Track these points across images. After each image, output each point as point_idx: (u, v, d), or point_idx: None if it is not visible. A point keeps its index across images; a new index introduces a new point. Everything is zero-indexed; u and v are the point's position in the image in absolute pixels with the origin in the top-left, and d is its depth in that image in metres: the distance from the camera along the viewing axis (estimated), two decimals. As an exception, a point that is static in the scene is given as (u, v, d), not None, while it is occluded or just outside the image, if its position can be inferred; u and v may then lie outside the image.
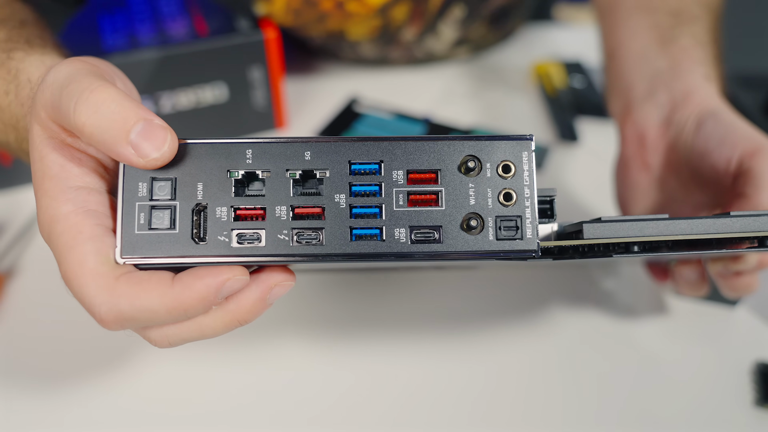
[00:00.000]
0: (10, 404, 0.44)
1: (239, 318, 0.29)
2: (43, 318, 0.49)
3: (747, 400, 0.45)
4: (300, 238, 0.27)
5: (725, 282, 0.42)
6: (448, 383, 0.46)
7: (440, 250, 0.27)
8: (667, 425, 0.44)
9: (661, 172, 0.47)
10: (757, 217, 0.29)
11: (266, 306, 0.29)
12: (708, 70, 0.48)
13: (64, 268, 0.27)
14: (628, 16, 0.53)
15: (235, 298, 0.28)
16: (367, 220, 0.27)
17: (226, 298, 0.28)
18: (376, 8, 0.65)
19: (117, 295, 0.26)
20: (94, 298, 0.27)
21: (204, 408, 0.44)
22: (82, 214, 0.28)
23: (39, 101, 0.29)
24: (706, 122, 0.43)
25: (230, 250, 0.27)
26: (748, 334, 0.49)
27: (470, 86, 0.74)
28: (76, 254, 0.27)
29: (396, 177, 0.28)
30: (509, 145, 0.28)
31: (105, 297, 0.26)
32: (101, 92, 0.27)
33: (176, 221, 0.27)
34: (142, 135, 0.26)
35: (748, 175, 0.40)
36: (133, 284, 0.27)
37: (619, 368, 0.47)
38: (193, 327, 0.29)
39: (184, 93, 0.61)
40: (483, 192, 0.28)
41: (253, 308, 0.29)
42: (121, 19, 0.64)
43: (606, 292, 0.52)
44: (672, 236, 0.29)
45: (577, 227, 0.29)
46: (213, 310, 0.28)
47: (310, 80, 0.75)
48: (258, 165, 0.28)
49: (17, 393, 0.44)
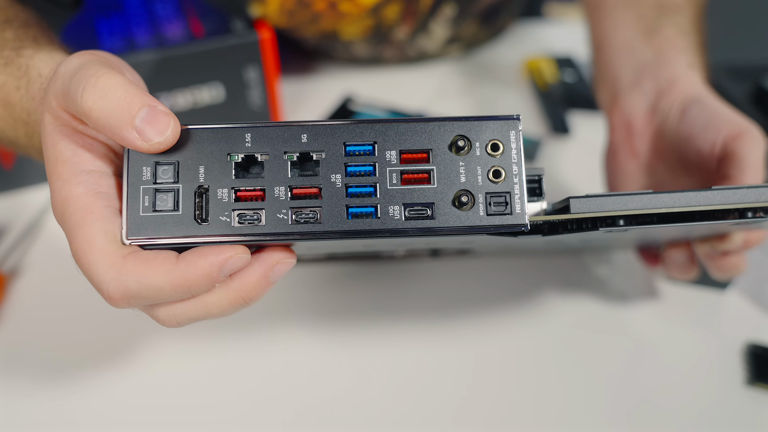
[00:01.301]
0: (13, 404, 0.45)
1: (244, 296, 0.29)
2: (46, 318, 0.50)
3: (739, 380, 0.46)
4: (298, 217, 0.28)
5: (713, 263, 0.43)
6: (444, 370, 0.47)
7: (433, 226, 0.28)
8: (661, 406, 0.45)
9: (648, 158, 0.48)
10: (736, 190, 0.30)
11: (269, 284, 0.30)
12: (691, 59, 0.49)
13: (74, 247, 0.28)
14: (613, 8, 0.54)
15: (239, 276, 0.29)
16: (362, 198, 0.28)
17: (230, 276, 0.29)
18: (369, 8, 0.66)
19: (124, 272, 0.27)
20: (103, 275, 0.28)
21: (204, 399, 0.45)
22: (93, 196, 0.29)
23: (51, 91, 0.30)
24: (690, 108, 0.44)
25: (232, 230, 0.28)
26: (739, 316, 0.50)
27: (463, 83, 0.75)
28: (86, 233, 0.28)
29: (389, 157, 0.29)
30: (497, 124, 0.29)
31: (113, 274, 0.27)
32: (108, 78, 0.28)
33: (179, 203, 0.28)
34: (147, 120, 0.27)
35: (731, 157, 0.41)
36: (140, 262, 0.28)
37: (613, 352, 0.48)
38: (200, 305, 0.29)
39: (181, 94, 0.62)
40: (473, 170, 0.29)
41: (257, 285, 0.29)
42: (118, 22, 0.65)
43: (599, 278, 0.53)
44: (656, 209, 0.30)
45: (565, 203, 0.30)
46: (218, 288, 0.29)
47: (305, 80, 0.76)
48: (257, 148, 0.29)
49: (21, 393, 0.45)
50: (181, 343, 0.48)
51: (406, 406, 0.45)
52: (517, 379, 0.46)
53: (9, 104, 0.38)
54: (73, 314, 0.50)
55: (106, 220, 0.28)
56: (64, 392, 0.45)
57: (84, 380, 0.46)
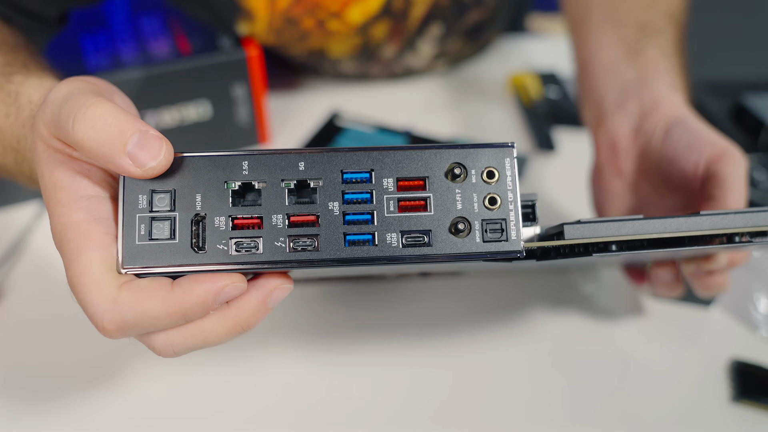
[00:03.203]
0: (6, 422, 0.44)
1: (242, 323, 0.29)
2: (32, 339, 0.49)
3: (724, 397, 0.46)
4: (296, 244, 0.28)
5: (698, 282, 0.44)
6: (435, 387, 0.47)
7: (430, 253, 0.28)
8: (648, 422, 0.45)
9: (633, 177, 0.49)
10: (725, 215, 0.31)
11: (267, 310, 0.30)
12: (674, 80, 0.50)
13: (70, 275, 0.28)
14: (597, 29, 0.55)
15: (237, 303, 0.29)
16: (359, 226, 0.29)
17: (227, 303, 0.29)
18: (357, 27, 0.67)
19: (119, 303, 0.27)
20: (97, 306, 0.27)
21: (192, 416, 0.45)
22: (93, 222, 0.29)
23: (40, 120, 0.30)
24: (673, 129, 0.45)
25: (229, 258, 0.28)
26: (723, 332, 0.51)
27: (449, 98, 0.76)
28: (83, 261, 0.28)
29: (386, 185, 0.29)
30: (492, 152, 0.30)
31: (108, 306, 0.27)
32: (97, 107, 0.28)
33: (176, 231, 0.28)
34: (139, 146, 0.27)
35: (714, 178, 0.42)
36: (135, 291, 0.28)
37: (599, 368, 0.48)
38: (197, 334, 0.29)
39: (168, 111, 0.62)
40: (469, 197, 0.29)
41: (255, 312, 0.29)
42: (103, 39, 0.65)
43: (585, 295, 0.53)
44: (647, 235, 0.31)
45: (558, 229, 0.31)
46: (216, 316, 0.29)
47: (292, 96, 0.76)
48: (254, 176, 0.29)
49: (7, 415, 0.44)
50: (170, 361, 0.48)
51: (393, 424, 0.45)
52: (505, 395, 0.46)
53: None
54: (59, 334, 0.49)
55: (104, 248, 0.28)
56: (51, 413, 0.44)
57: (71, 401, 0.45)
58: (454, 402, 0.46)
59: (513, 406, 0.46)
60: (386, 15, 0.67)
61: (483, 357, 0.49)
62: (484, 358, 0.49)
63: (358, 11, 0.65)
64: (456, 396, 0.46)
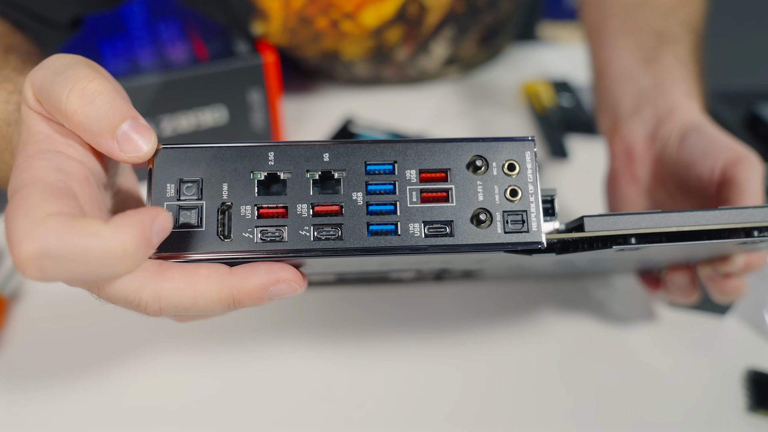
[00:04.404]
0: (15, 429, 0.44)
1: (236, 296, 0.28)
2: (48, 342, 0.49)
3: (740, 407, 0.46)
4: (320, 233, 0.29)
5: (715, 286, 0.44)
6: (446, 389, 0.47)
7: (452, 243, 0.29)
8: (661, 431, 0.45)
9: (649, 183, 0.49)
10: (743, 209, 0.31)
11: (266, 297, 0.29)
12: (690, 88, 0.50)
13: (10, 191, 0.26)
14: (614, 36, 0.56)
15: (241, 272, 0.29)
16: (382, 216, 0.29)
17: (231, 268, 0.28)
18: (370, 30, 0.67)
19: (45, 227, 0.24)
20: (20, 227, 0.24)
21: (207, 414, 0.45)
22: (53, 169, 0.27)
23: (29, 80, 0.29)
24: (689, 135, 0.45)
25: (254, 246, 0.28)
26: (738, 341, 0.50)
27: (462, 105, 0.76)
28: (26, 192, 0.25)
29: (409, 176, 0.29)
30: (513, 145, 0.30)
31: (29, 228, 0.24)
32: (98, 84, 0.28)
33: (203, 219, 0.29)
34: (129, 132, 0.28)
35: (731, 183, 0.42)
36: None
37: (613, 376, 0.48)
38: (189, 290, 0.28)
39: (184, 116, 0.63)
40: (490, 189, 0.29)
41: (254, 292, 0.29)
42: (122, 45, 0.65)
43: (599, 301, 0.53)
44: (666, 228, 0.31)
45: (578, 222, 0.31)
46: (213, 278, 0.28)
47: (306, 100, 0.77)
48: (280, 166, 0.29)
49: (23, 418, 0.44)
50: (185, 359, 0.48)
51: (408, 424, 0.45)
52: (517, 399, 0.46)
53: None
54: (74, 338, 0.49)
55: (52, 190, 0.26)
56: (67, 416, 0.45)
57: (87, 404, 0.45)
58: (467, 402, 0.46)
59: (525, 409, 0.46)
60: (400, 20, 0.67)
61: (496, 361, 0.49)
62: (497, 361, 0.49)
63: (372, 14, 0.66)
64: (469, 396, 0.46)
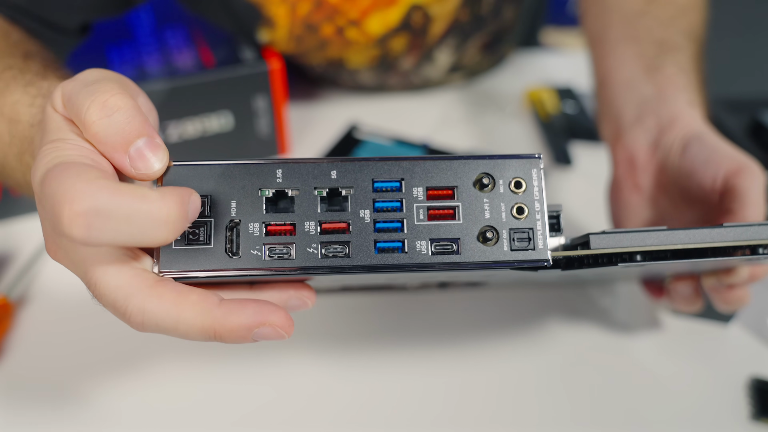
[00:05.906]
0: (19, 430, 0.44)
1: (217, 329, 0.28)
2: (54, 346, 0.50)
3: (743, 415, 0.46)
4: (327, 251, 0.29)
5: (719, 296, 0.44)
6: (450, 396, 0.47)
7: (459, 261, 0.29)
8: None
9: (651, 191, 0.49)
10: (748, 227, 0.31)
11: (249, 337, 0.28)
12: (691, 96, 0.50)
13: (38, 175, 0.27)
14: (615, 45, 0.56)
15: (228, 307, 0.28)
16: (389, 233, 0.29)
17: (219, 303, 0.28)
18: (376, 38, 0.68)
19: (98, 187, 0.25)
20: (71, 191, 0.25)
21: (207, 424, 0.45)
22: (85, 151, 0.28)
23: (61, 88, 0.30)
24: (691, 144, 0.46)
25: (262, 263, 0.29)
26: (742, 349, 0.50)
27: (466, 112, 0.76)
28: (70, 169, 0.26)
29: (416, 193, 0.30)
30: (520, 163, 0.30)
31: (83, 186, 0.25)
32: (119, 99, 0.28)
33: (211, 237, 0.29)
34: (142, 149, 0.28)
35: (733, 192, 0.42)
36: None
37: (617, 384, 0.48)
38: (173, 312, 0.28)
39: (190, 122, 0.63)
40: (497, 206, 0.30)
41: (237, 330, 0.28)
42: (129, 51, 0.66)
43: (603, 309, 0.53)
44: (672, 246, 0.31)
45: (584, 239, 0.31)
46: (199, 306, 0.28)
47: (311, 107, 0.77)
48: (288, 184, 0.29)
49: (28, 422, 0.45)
50: (190, 364, 0.48)
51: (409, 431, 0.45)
52: (521, 406, 0.46)
53: (15, 121, 0.38)
54: (80, 342, 0.50)
55: (90, 160, 0.27)
56: (71, 421, 0.45)
57: (92, 409, 0.46)
58: (468, 409, 0.46)
59: (529, 416, 0.46)
60: (405, 30, 0.68)
61: (499, 368, 0.49)
62: (501, 368, 0.49)
63: (377, 22, 0.66)
64: (471, 403, 0.46)
